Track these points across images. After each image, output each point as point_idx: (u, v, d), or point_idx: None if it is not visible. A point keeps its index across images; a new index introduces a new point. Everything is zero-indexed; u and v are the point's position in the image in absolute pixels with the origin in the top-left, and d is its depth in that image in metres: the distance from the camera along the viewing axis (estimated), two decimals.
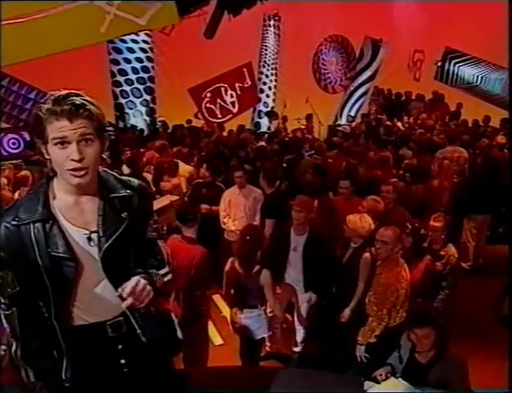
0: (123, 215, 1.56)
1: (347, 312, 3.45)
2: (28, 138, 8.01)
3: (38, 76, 8.01)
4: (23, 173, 5.72)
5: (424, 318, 2.57)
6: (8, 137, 7.82)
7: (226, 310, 4.20)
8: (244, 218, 4.75)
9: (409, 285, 3.15)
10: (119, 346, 1.61)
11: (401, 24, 12.70)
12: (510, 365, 2.80)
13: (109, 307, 1.58)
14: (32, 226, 1.48)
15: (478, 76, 11.68)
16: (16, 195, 4.67)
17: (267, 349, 4.09)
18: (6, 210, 1.53)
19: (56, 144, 1.43)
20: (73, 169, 1.44)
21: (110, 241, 1.52)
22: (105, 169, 1.63)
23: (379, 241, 3.23)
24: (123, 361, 1.62)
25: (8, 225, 1.48)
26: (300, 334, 3.97)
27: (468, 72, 11.74)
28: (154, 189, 5.27)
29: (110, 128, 1.59)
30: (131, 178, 1.70)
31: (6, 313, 1.53)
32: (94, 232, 1.53)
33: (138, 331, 1.62)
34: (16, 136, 7.92)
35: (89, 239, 1.53)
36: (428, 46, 12.50)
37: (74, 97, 1.43)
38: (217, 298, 4.62)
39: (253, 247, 3.35)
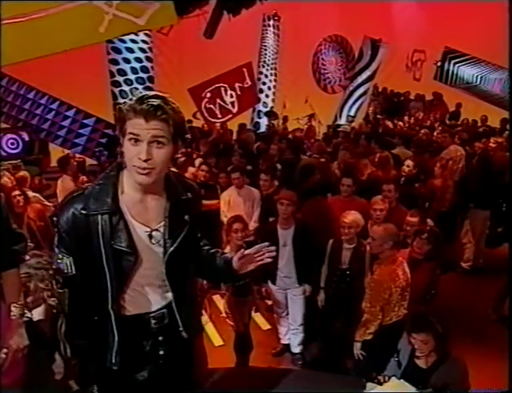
0: (185, 218, 1.63)
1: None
2: (27, 139, 8.00)
3: (37, 76, 8.00)
4: (21, 173, 5.72)
5: (421, 324, 2.56)
6: (7, 137, 7.80)
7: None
8: (244, 217, 4.76)
9: (407, 284, 3.14)
10: (160, 338, 1.67)
11: (400, 24, 12.71)
12: (510, 365, 2.79)
13: (155, 299, 1.65)
14: (100, 217, 1.53)
15: (477, 76, 11.70)
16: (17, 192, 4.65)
17: (282, 342, 4.11)
18: (75, 196, 1.58)
19: (130, 139, 1.48)
20: (138, 167, 1.48)
21: (176, 244, 1.59)
22: (172, 170, 1.70)
23: (370, 236, 3.34)
24: (161, 352, 1.68)
25: (77, 212, 1.53)
26: (299, 336, 3.98)
27: (467, 72, 11.76)
28: None
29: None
30: (188, 180, 1.77)
31: (59, 291, 1.62)
32: (155, 230, 1.59)
33: (181, 328, 1.68)
34: (15, 136, 7.89)
35: (150, 237, 1.59)
36: (428, 46, 12.51)
37: (155, 99, 1.47)
38: (217, 298, 4.62)
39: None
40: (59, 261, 1.58)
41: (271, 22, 11.67)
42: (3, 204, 2.13)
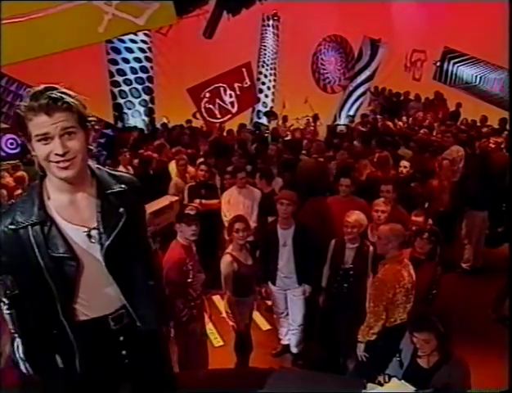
0: (120, 211, 1.57)
1: None
2: None
3: (37, 76, 7.97)
4: (19, 173, 5.71)
5: (423, 323, 2.55)
6: (6, 137, 7.78)
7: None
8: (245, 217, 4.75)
9: (412, 287, 3.13)
10: (121, 338, 1.64)
11: (400, 24, 12.72)
12: (510, 365, 2.79)
13: (110, 300, 1.61)
14: (30, 229, 1.48)
15: (476, 76, 11.68)
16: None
17: (282, 342, 4.11)
18: (3, 213, 1.52)
19: (39, 141, 1.42)
20: (57, 162, 1.43)
21: (111, 238, 1.53)
22: (99, 166, 1.63)
23: (376, 235, 3.35)
24: (124, 352, 1.65)
25: (6, 229, 1.48)
26: (299, 336, 3.97)
27: (467, 72, 11.73)
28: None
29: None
30: (122, 173, 1.70)
31: (7, 312, 1.55)
32: (94, 228, 1.53)
33: (138, 323, 1.65)
34: (14, 136, 7.86)
35: (89, 236, 1.53)
36: (428, 46, 12.51)
37: (51, 91, 1.41)
38: (217, 299, 4.61)
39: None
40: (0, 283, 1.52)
41: (271, 22, 11.68)
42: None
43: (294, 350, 4.03)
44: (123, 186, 1.60)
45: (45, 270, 1.48)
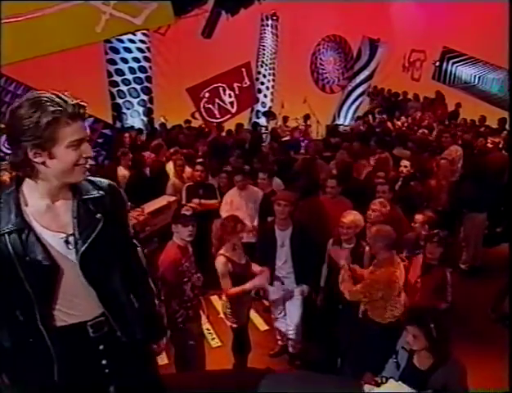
0: (97, 216, 1.57)
1: None
2: None
3: (35, 76, 7.97)
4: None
5: (415, 317, 2.57)
6: (5, 137, 7.77)
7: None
8: (247, 219, 4.70)
9: (403, 282, 3.16)
10: (101, 347, 1.61)
11: (399, 23, 12.72)
12: (510, 366, 2.78)
13: (89, 307, 1.59)
14: (8, 237, 1.47)
15: (475, 76, 11.67)
16: None
17: (279, 343, 4.10)
18: None
19: (70, 146, 1.46)
20: (83, 165, 1.51)
21: (86, 244, 1.53)
22: None
23: (367, 236, 3.39)
24: (104, 362, 1.62)
25: None
26: (296, 336, 3.95)
27: (465, 72, 11.73)
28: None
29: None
30: (101, 179, 1.69)
31: None
32: (71, 235, 1.53)
33: (118, 333, 1.62)
34: None
35: (67, 242, 1.53)
36: (427, 46, 12.52)
37: (72, 98, 1.48)
38: (214, 299, 4.60)
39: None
40: None
41: (270, 22, 11.68)
42: None
43: (291, 350, 4.01)
44: (101, 192, 1.61)
45: (23, 277, 1.47)
